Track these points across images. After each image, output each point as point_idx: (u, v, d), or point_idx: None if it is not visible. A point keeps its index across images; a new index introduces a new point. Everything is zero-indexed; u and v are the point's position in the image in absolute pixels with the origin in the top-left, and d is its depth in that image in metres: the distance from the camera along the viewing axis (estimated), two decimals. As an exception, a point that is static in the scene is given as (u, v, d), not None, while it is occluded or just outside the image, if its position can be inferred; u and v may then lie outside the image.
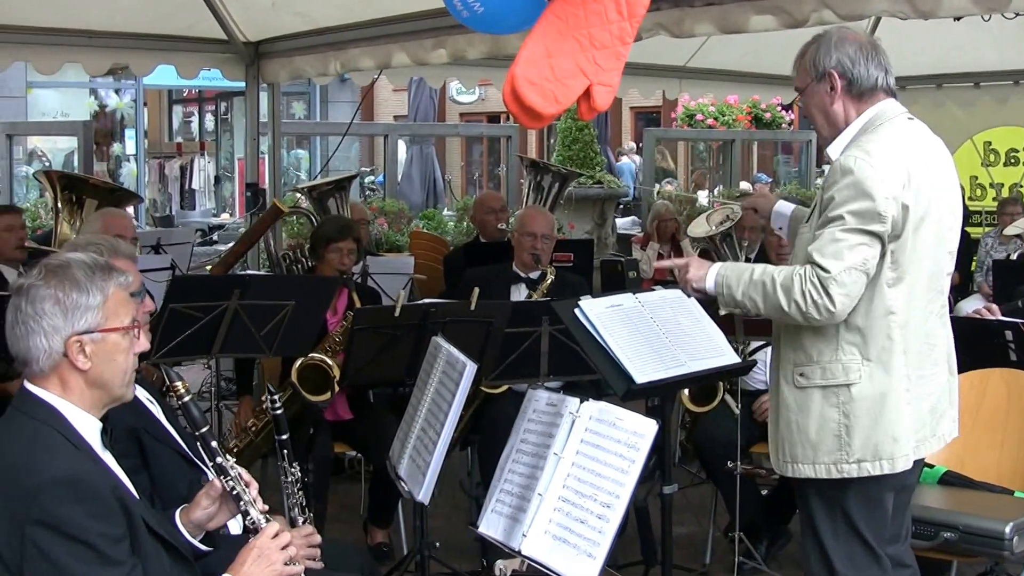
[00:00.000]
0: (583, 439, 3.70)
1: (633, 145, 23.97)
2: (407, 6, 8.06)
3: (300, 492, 4.14)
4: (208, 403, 7.97)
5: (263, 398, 6.26)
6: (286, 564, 3.37)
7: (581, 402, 3.77)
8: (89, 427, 3.36)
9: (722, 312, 4.47)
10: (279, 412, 4.26)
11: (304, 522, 4.04)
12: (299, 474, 4.18)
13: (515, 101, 4.22)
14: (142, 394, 4.09)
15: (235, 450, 6.26)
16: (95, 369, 3.32)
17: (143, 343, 3.49)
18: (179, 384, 3.55)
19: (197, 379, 10.18)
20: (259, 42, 9.68)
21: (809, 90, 4.27)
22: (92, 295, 3.31)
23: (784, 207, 4.70)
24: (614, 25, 4.28)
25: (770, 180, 21.56)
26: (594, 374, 5.94)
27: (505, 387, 6.51)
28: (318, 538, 3.94)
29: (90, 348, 3.30)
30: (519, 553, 3.71)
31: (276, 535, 3.38)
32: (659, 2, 6.77)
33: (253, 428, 6.37)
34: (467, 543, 6.58)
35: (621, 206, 15.74)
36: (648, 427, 3.59)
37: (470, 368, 4.13)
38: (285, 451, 4.18)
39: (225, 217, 22.04)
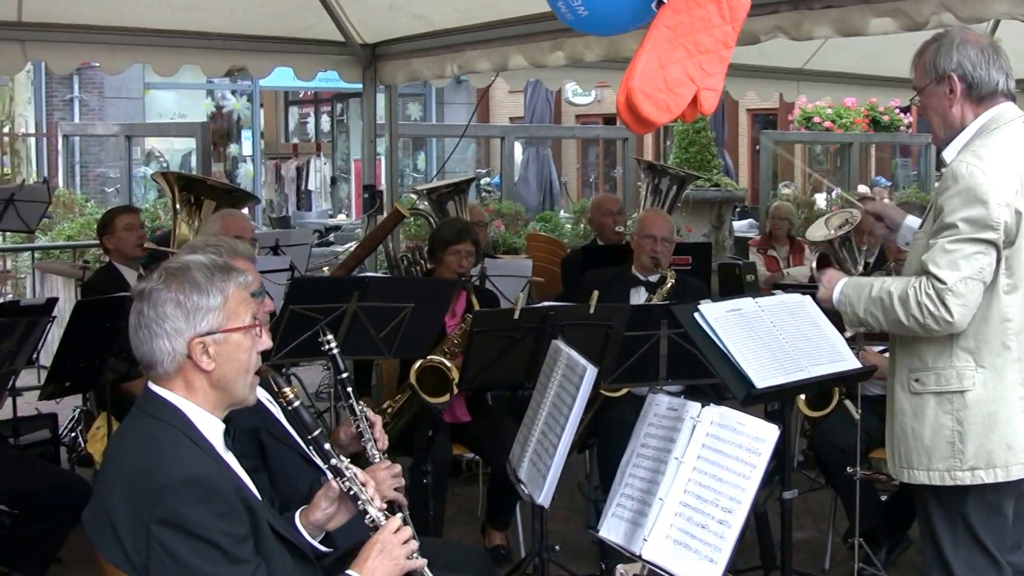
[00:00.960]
0: (704, 444, 3.68)
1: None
2: (524, 8, 8.06)
3: (369, 426, 4.17)
4: (327, 403, 8.04)
5: (380, 404, 6.34)
6: (408, 558, 3.38)
7: (702, 407, 3.75)
8: (212, 428, 3.40)
9: (848, 334, 4.40)
10: (335, 351, 4.27)
11: (380, 458, 4.10)
12: (366, 409, 4.21)
13: (630, 112, 4.25)
14: (262, 394, 4.12)
15: (388, 409, 6.32)
16: (219, 369, 3.36)
17: (265, 341, 3.53)
18: (287, 390, 3.58)
19: (315, 379, 10.29)
20: (376, 44, 9.75)
21: (927, 91, 4.21)
22: (212, 296, 3.36)
23: (913, 222, 4.61)
24: (717, 29, 4.29)
25: (889, 184, 21.23)
26: (713, 378, 5.88)
27: (624, 390, 6.47)
28: (398, 467, 4.01)
29: (213, 349, 3.34)
30: (640, 558, 3.70)
31: (397, 530, 3.40)
32: (777, 5, 6.73)
33: (390, 410, 6.37)
34: (585, 546, 6.64)
35: (738, 208, 15.61)
36: (770, 432, 3.57)
37: (591, 372, 4.10)
38: (349, 389, 4.19)
39: (341, 218, 22.26)
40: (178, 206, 7.64)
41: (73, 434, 8.64)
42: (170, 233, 8.19)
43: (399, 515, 3.50)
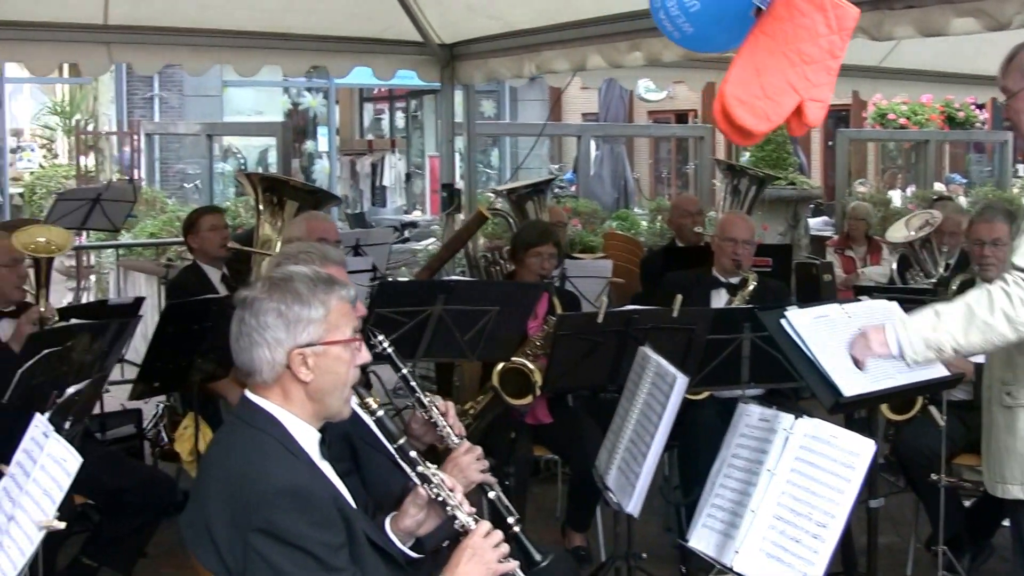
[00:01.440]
0: (797, 456, 3.65)
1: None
2: (602, 8, 8.10)
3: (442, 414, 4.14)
4: (405, 400, 8.10)
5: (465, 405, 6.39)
6: (499, 561, 3.39)
7: (795, 419, 3.72)
8: (308, 437, 3.43)
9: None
10: (390, 350, 4.23)
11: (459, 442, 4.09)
12: (435, 399, 4.19)
13: (725, 120, 4.20)
14: (352, 400, 4.19)
15: (470, 411, 6.35)
16: (317, 381, 3.38)
17: (364, 355, 3.54)
18: (370, 400, 3.62)
19: (392, 376, 10.33)
20: (454, 44, 9.82)
21: (1022, 95, 4.16)
22: (314, 308, 3.37)
23: None
24: (823, 39, 4.21)
25: (964, 181, 21.02)
26: (795, 381, 5.88)
27: (706, 393, 6.47)
28: (479, 449, 4.01)
29: (312, 360, 3.36)
30: (731, 570, 3.69)
31: (487, 534, 3.41)
32: (859, 5, 6.68)
33: (472, 411, 6.40)
34: (664, 549, 6.60)
35: (812, 206, 15.54)
36: (865, 447, 3.54)
37: (681, 381, 4.13)
38: (413, 384, 4.17)
39: (416, 214, 22.36)
40: (261, 206, 7.68)
41: (156, 429, 8.75)
42: (252, 232, 8.26)
43: (486, 522, 3.48)
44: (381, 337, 4.14)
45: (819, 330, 4.23)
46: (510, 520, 3.80)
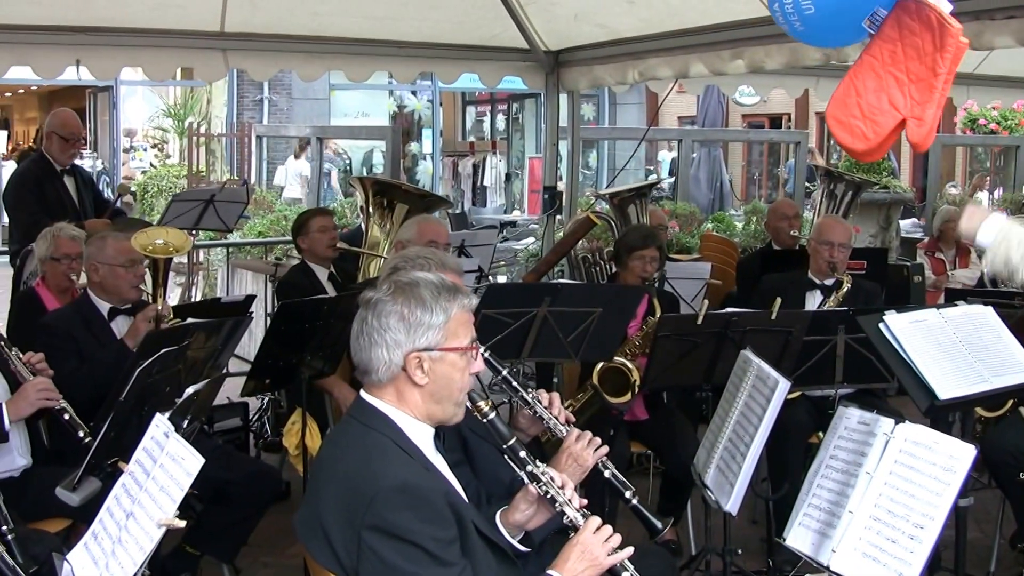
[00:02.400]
0: (897, 460, 3.69)
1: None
2: (705, 18, 8.20)
3: (548, 406, 4.23)
4: (502, 396, 8.21)
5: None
6: (609, 555, 3.46)
7: (896, 423, 3.76)
8: (422, 434, 3.55)
9: (987, 269, 4.39)
10: (486, 354, 4.19)
11: (568, 430, 4.16)
12: (539, 392, 4.28)
13: (843, 137, 4.30)
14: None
15: (569, 408, 6.37)
16: (431, 385, 3.49)
17: (479, 364, 3.66)
18: (482, 404, 3.68)
19: (489, 372, 10.46)
20: (559, 51, 9.97)
21: None
22: (436, 314, 3.48)
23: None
24: (929, 58, 4.23)
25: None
26: (886, 381, 5.96)
27: (798, 392, 6.53)
28: (588, 434, 4.08)
29: (428, 365, 3.47)
30: (828, 569, 3.74)
31: (597, 529, 3.48)
32: (959, 16, 6.70)
33: (571, 409, 6.45)
34: (751, 541, 6.72)
35: (903, 209, 15.46)
36: (966, 452, 3.58)
37: (783, 385, 4.21)
38: (514, 384, 4.27)
39: (516, 214, 22.46)
40: (371, 209, 7.84)
41: (261, 422, 8.97)
42: (359, 232, 8.41)
43: (595, 517, 3.53)
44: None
45: (916, 334, 4.30)
46: (627, 494, 3.94)
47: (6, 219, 8.11)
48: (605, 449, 4.08)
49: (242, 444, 8.38)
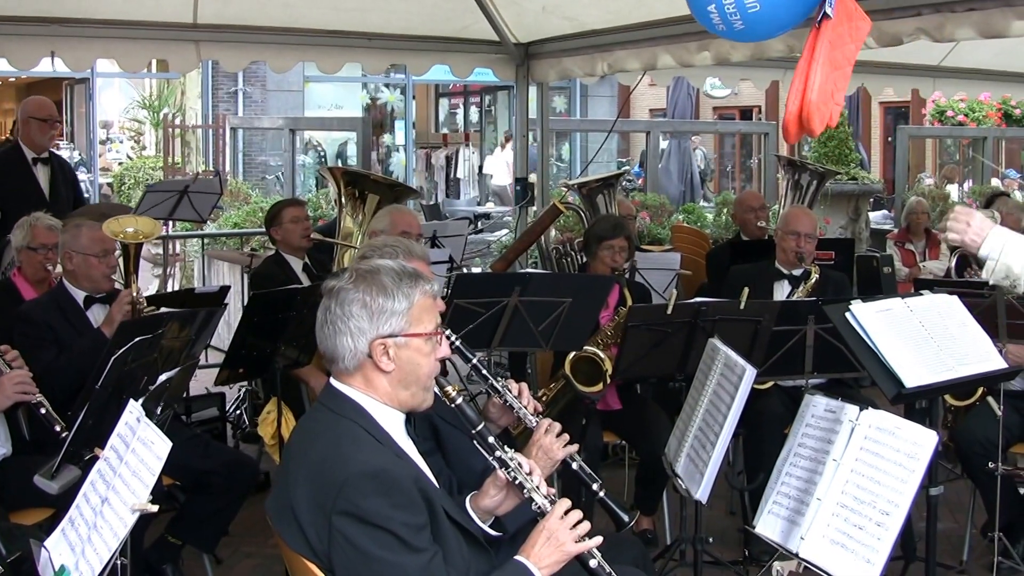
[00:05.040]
0: (862, 447, 3.74)
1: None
2: (672, 10, 8.23)
3: (517, 395, 4.25)
4: (479, 387, 8.25)
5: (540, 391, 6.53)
6: (576, 542, 3.47)
7: (860, 410, 3.81)
8: (392, 420, 3.57)
9: (988, 278, 4.44)
10: (458, 343, 4.33)
11: (537, 422, 4.16)
12: (508, 382, 4.30)
13: (798, 124, 4.36)
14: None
15: (543, 398, 6.43)
16: (397, 371, 3.52)
17: (444, 349, 3.69)
18: (449, 388, 3.72)
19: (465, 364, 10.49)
20: (529, 43, 10.04)
21: None
22: (398, 300, 3.50)
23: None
24: (848, 47, 4.40)
25: (1020, 176, 20.93)
26: (856, 372, 6.03)
27: (770, 382, 6.61)
28: (558, 425, 4.09)
29: (393, 351, 3.50)
30: (797, 556, 3.79)
31: (564, 515, 3.48)
32: (920, 8, 6.79)
33: (544, 398, 6.49)
34: (728, 531, 6.77)
35: (872, 200, 15.60)
36: (928, 438, 3.63)
37: (750, 372, 4.25)
38: (484, 372, 4.30)
39: (489, 206, 22.50)
40: (343, 200, 7.85)
41: (238, 412, 8.99)
42: (333, 224, 8.43)
43: (566, 500, 3.54)
44: (448, 331, 4.19)
45: (883, 323, 4.33)
46: (595, 487, 3.97)
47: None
48: (575, 447, 4.11)
49: (220, 434, 8.42)
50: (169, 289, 12.16)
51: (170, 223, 11.13)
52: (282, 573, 5.90)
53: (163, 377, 4.39)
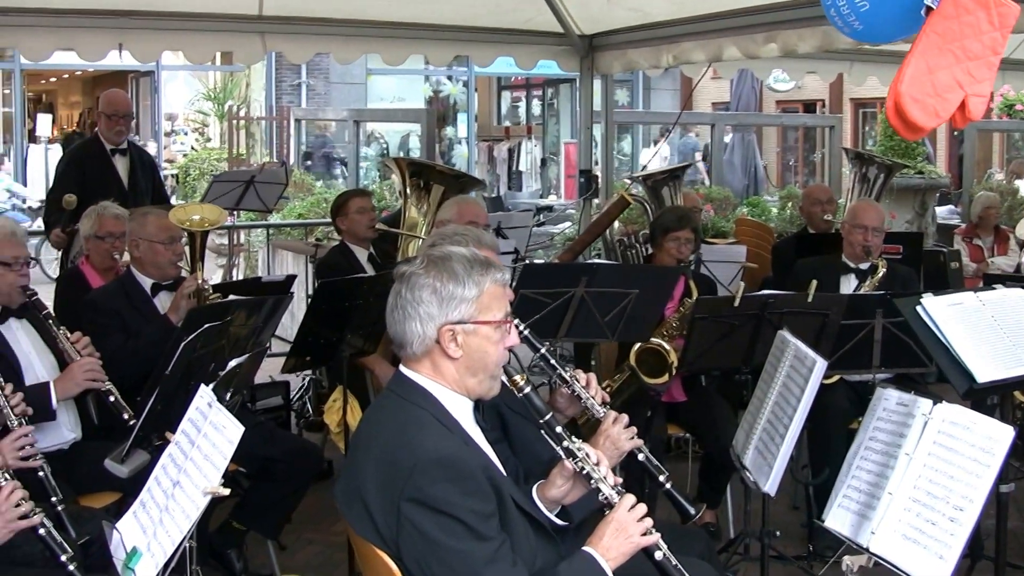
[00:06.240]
0: (935, 441, 3.70)
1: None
2: (739, 1, 8.20)
3: (585, 386, 4.25)
4: (541, 378, 8.25)
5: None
6: (643, 535, 3.45)
7: (934, 404, 3.77)
8: (461, 407, 3.58)
9: None
10: (526, 332, 4.36)
11: (605, 413, 4.17)
12: (576, 372, 4.30)
13: (898, 117, 4.28)
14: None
15: (607, 389, 6.39)
16: (465, 358, 3.53)
17: (513, 338, 3.69)
18: (517, 377, 3.71)
19: (529, 352, 10.49)
20: (593, 35, 10.00)
21: None
22: (468, 288, 3.51)
23: None
24: (986, 35, 4.29)
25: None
26: (924, 366, 5.98)
27: (837, 376, 6.55)
28: (625, 417, 4.09)
29: (462, 338, 3.51)
30: (867, 550, 3.75)
31: (632, 507, 3.47)
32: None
33: (608, 390, 6.47)
34: (791, 526, 6.70)
35: (937, 195, 15.47)
36: (1003, 433, 3.58)
37: (820, 364, 4.21)
38: (552, 362, 4.31)
39: (552, 198, 22.51)
40: (408, 190, 7.87)
41: (302, 401, 9.06)
42: (398, 214, 8.45)
43: (630, 495, 3.53)
44: (516, 321, 4.18)
45: (954, 317, 4.31)
46: (661, 478, 3.98)
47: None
48: (640, 442, 4.10)
49: (284, 422, 8.49)
50: (233, 279, 12.24)
51: (235, 213, 11.21)
52: (344, 560, 6.03)
53: (232, 363, 4.41)
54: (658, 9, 9.03)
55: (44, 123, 26.30)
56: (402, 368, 3.62)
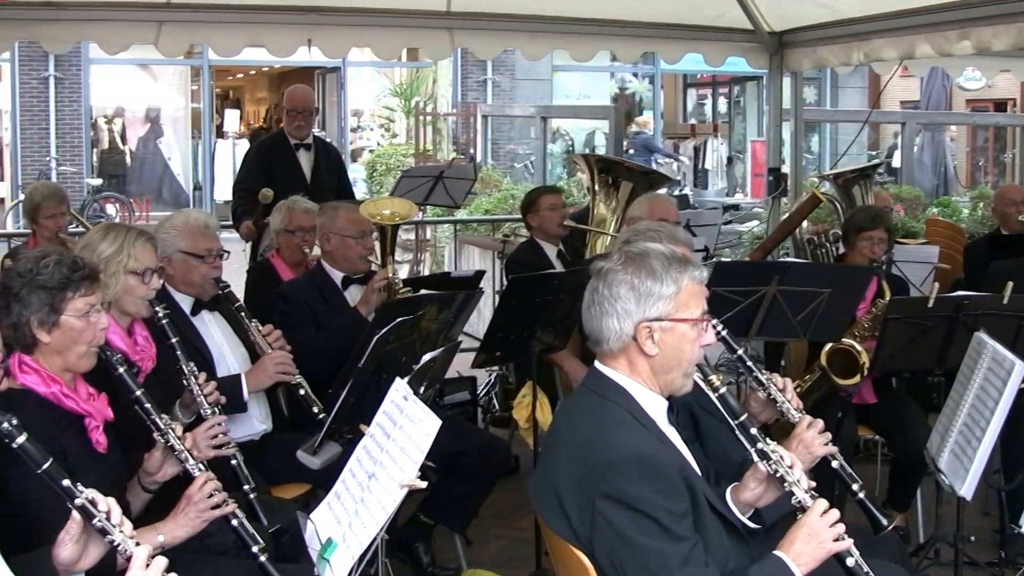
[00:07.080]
0: None
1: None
2: (933, -3, 8.03)
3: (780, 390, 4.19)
4: (728, 376, 8.23)
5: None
6: (835, 540, 3.40)
7: None
8: (656, 406, 3.58)
9: None
10: (724, 332, 4.23)
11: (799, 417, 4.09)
12: (773, 376, 4.24)
13: None
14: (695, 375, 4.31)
15: (797, 389, 6.32)
16: (661, 355, 3.52)
17: (710, 336, 3.67)
18: (713, 377, 3.68)
19: (715, 352, 10.46)
20: (783, 32, 9.95)
21: None
22: (666, 285, 3.51)
23: None
24: None
25: None
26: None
27: (1034, 379, 6.40)
28: (820, 423, 4.01)
29: (658, 335, 3.50)
30: None
31: (824, 513, 3.42)
32: None
33: (798, 390, 6.41)
34: (982, 532, 6.52)
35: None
36: None
37: (1020, 367, 4.15)
38: (749, 363, 4.27)
39: (739, 197, 22.33)
40: (596, 187, 7.91)
41: (488, 396, 9.15)
42: (585, 211, 8.49)
43: (823, 500, 3.48)
44: (714, 320, 4.11)
45: None
46: (855, 487, 3.89)
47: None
48: (834, 448, 4.02)
49: (471, 418, 8.55)
50: (420, 274, 12.42)
51: (422, 209, 11.36)
52: (530, 555, 6.07)
53: (427, 357, 4.46)
54: (849, 6, 8.95)
55: (232, 119, 26.81)
56: (597, 364, 3.64)
